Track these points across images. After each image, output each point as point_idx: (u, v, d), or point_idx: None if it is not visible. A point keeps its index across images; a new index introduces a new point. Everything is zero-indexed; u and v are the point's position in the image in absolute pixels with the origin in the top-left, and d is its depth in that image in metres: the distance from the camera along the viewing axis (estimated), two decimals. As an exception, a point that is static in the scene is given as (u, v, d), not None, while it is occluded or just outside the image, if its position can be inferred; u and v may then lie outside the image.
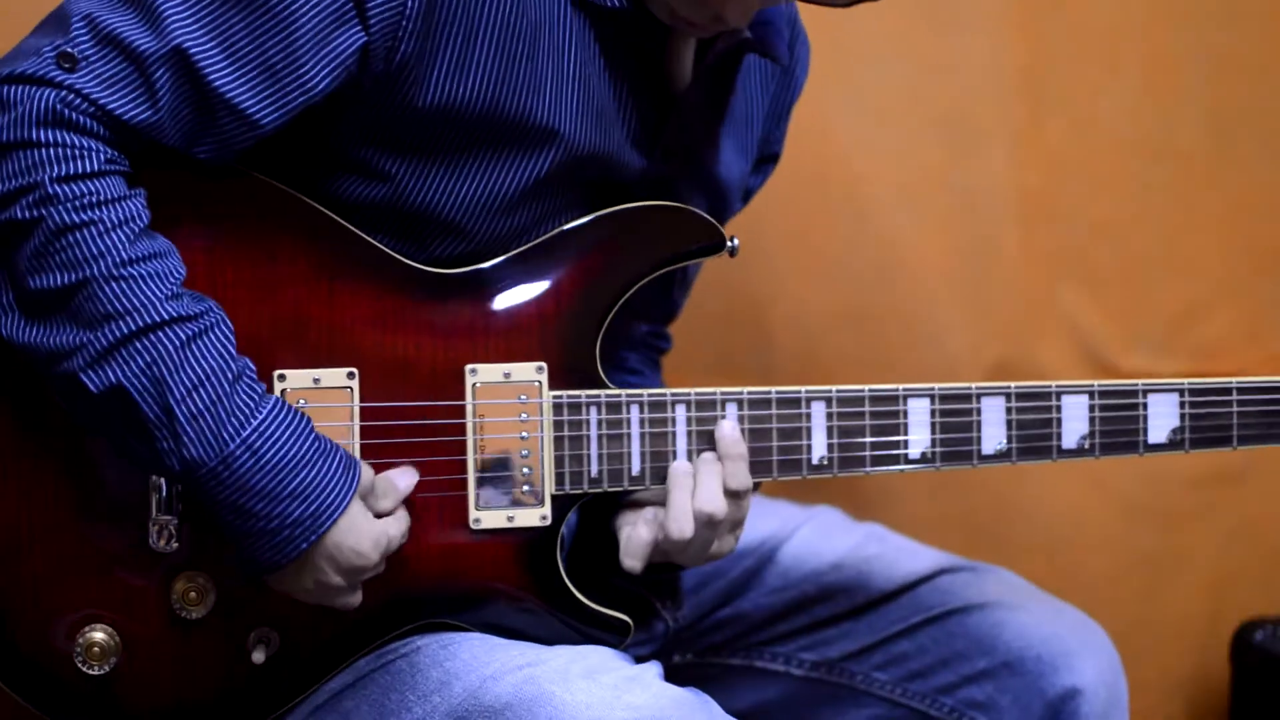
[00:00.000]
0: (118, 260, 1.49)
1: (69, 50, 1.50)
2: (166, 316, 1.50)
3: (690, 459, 1.70)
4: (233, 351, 1.53)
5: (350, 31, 1.55)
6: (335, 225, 1.65)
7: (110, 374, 1.49)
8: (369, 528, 1.57)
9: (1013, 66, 2.62)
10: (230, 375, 1.52)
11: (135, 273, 1.50)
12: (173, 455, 1.50)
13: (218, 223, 1.58)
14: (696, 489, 1.68)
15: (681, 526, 1.67)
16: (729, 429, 1.69)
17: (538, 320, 1.68)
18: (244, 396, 1.52)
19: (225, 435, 1.50)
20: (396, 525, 1.61)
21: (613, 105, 1.71)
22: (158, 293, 1.50)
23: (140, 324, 1.49)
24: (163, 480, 1.60)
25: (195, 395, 1.50)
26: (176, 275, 1.53)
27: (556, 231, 1.70)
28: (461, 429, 1.66)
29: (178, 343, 1.50)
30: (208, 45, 1.51)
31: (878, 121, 2.60)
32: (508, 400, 1.67)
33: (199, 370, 1.50)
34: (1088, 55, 2.65)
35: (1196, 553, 2.78)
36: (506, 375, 1.67)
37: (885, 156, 2.60)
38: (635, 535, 1.70)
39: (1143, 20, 2.66)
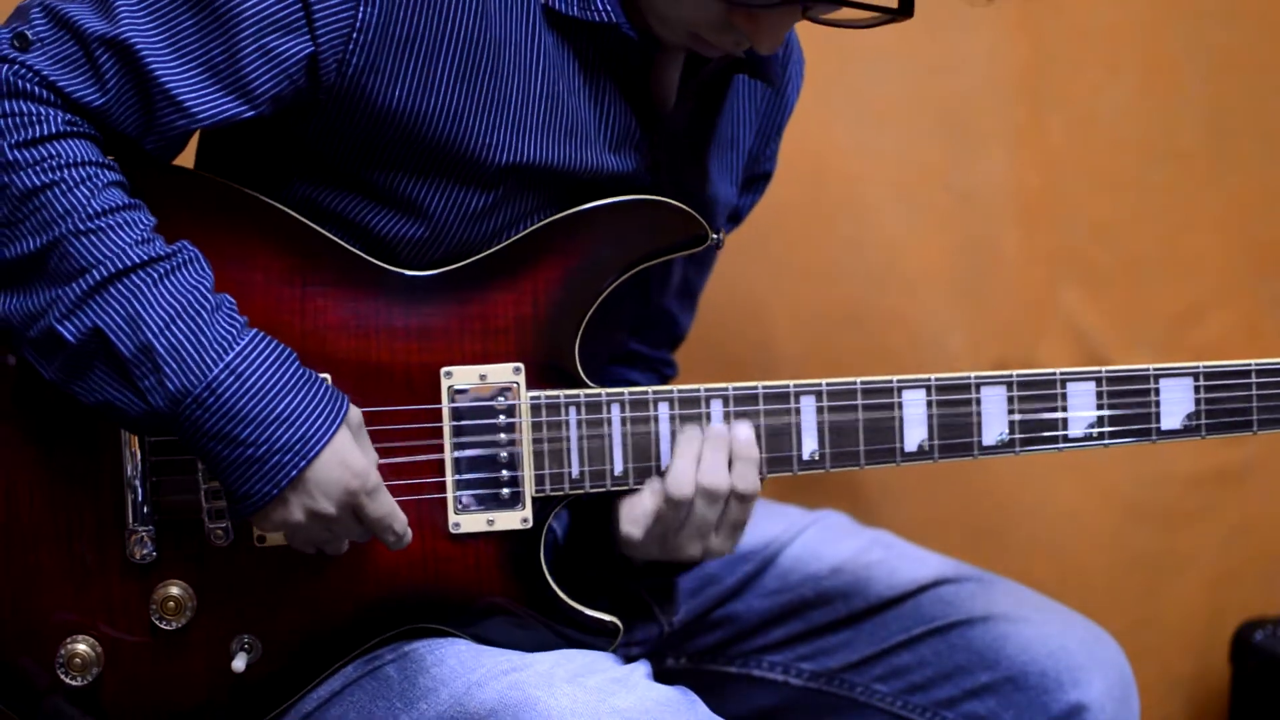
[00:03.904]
0: (85, 214, 1.50)
1: (25, 33, 1.52)
2: (139, 260, 1.51)
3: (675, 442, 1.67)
4: (209, 286, 1.53)
5: (298, 40, 1.54)
6: (306, 229, 1.64)
7: (86, 320, 1.49)
8: (358, 456, 1.55)
9: (1013, 66, 2.62)
10: (209, 306, 1.52)
11: (104, 224, 1.51)
12: (156, 392, 1.50)
13: (187, 231, 1.57)
14: (701, 461, 1.65)
15: (681, 486, 1.64)
16: (744, 433, 1.67)
17: (514, 320, 1.66)
18: (224, 326, 1.52)
19: (208, 361, 1.50)
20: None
21: (590, 123, 1.68)
22: (127, 239, 1.51)
23: (113, 270, 1.50)
24: (139, 485, 1.60)
25: (173, 328, 1.50)
26: (146, 222, 1.54)
27: (531, 229, 1.67)
28: (439, 432, 1.65)
29: (151, 281, 1.51)
30: (154, 36, 1.53)
31: (877, 122, 2.59)
32: (485, 402, 1.66)
33: (174, 304, 1.50)
34: (1088, 55, 2.65)
35: (1196, 553, 2.78)
36: (483, 377, 1.65)
37: (885, 157, 2.60)
38: (638, 502, 1.67)
39: (1143, 20, 2.66)
